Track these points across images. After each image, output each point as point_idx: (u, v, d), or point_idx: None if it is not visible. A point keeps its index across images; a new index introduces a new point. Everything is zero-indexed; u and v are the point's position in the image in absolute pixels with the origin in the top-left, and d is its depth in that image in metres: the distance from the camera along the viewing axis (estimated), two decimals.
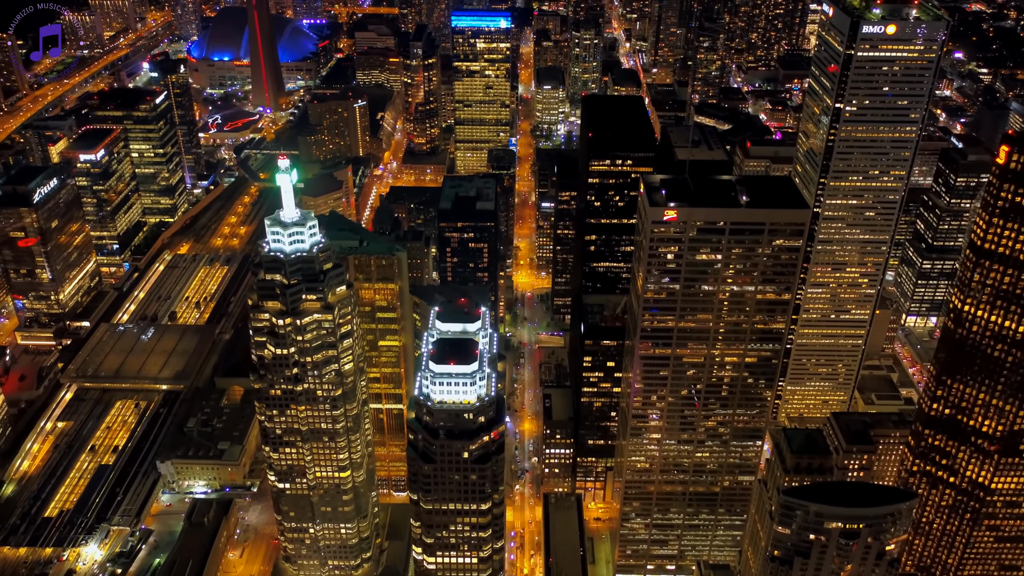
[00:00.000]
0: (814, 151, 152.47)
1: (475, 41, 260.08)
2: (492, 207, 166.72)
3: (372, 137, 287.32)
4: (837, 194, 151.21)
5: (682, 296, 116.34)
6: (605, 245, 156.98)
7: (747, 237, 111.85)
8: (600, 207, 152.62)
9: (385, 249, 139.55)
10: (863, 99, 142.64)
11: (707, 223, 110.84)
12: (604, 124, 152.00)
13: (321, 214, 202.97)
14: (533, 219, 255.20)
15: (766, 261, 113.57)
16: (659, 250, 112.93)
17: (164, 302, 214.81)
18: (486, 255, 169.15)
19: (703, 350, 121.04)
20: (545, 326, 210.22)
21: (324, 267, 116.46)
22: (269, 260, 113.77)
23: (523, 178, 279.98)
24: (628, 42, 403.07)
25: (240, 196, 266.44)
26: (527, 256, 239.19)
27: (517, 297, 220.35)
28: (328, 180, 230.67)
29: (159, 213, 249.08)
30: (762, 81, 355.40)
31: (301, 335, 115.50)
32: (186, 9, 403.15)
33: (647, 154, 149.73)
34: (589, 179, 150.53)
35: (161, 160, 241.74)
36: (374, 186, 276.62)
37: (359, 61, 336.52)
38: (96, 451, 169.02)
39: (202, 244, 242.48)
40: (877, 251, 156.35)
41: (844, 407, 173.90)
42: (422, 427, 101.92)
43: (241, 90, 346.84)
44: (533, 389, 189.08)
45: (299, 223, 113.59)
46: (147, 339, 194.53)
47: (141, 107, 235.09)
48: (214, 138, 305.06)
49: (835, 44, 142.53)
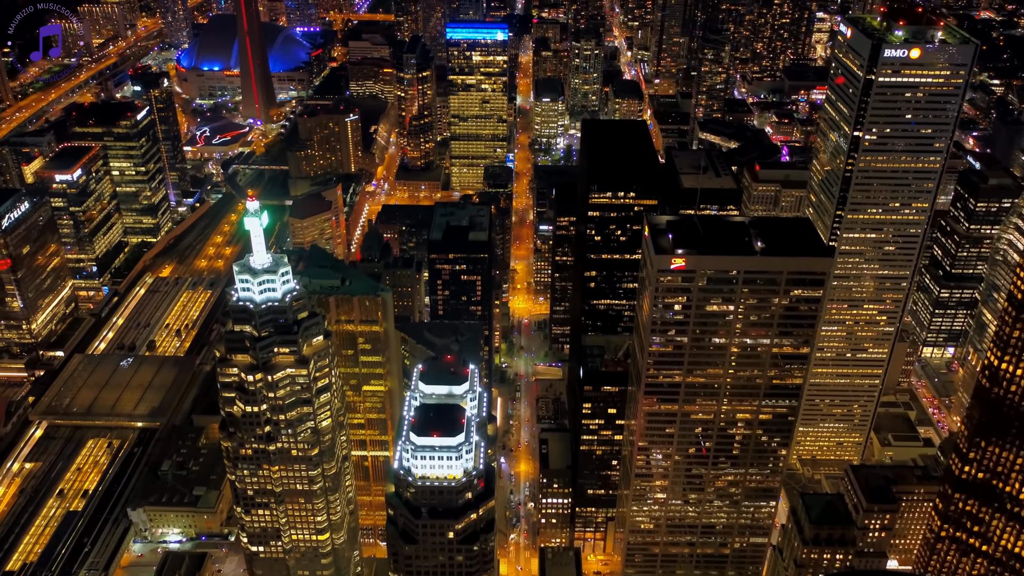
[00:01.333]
0: (830, 181, 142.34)
1: (471, 54, 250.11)
2: (486, 237, 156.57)
3: (365, 152, 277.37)
4: (855, 227, 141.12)
5: (690, 349, 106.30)
6: (606, 281, 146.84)
7: (762, 287, 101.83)
8: (601, 241, 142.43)
9: (369, 289, 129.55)
10: (884, 127, 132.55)
11: (718, 272, 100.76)
12: (605, 153, 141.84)
13: (300, 247, 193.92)
14: (530, 239, 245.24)
15: (783, 312, 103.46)
16: (665, 300, 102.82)
17: (143, 330, 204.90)
18: (479, 288, 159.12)
19: (713, 406, 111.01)
20: (543, 356, 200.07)
21: (299, 317, 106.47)
22: (238, 310, 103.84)
23: (521, 194, 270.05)
24: (629, 51, 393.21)
25: (227, 214, 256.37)
26: (524, 279, 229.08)
27: (513, 324, 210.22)
28: (316, 201, 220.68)
29: (141, 233, 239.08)
30: (767, 92, 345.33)
31: (273, 392, 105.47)
32: (176, 16, 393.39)
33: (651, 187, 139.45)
34: (589, 212, 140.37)
35: (143, 178, 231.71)
36: (366, 203, 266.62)
37: (352, 71, 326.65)
38: (65, 496, 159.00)
39: (185, 266, 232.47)
40: (897, 287, 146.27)
41: (859, 449, 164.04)
42: (402, 504, 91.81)
43: (231, 101, 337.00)
44: (530, 426, 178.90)
45: (270, 270, 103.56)
46: (123, 371, 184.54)
47: (121, 123, 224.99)
48: (201, 152, 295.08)
49: (854, 68, 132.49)
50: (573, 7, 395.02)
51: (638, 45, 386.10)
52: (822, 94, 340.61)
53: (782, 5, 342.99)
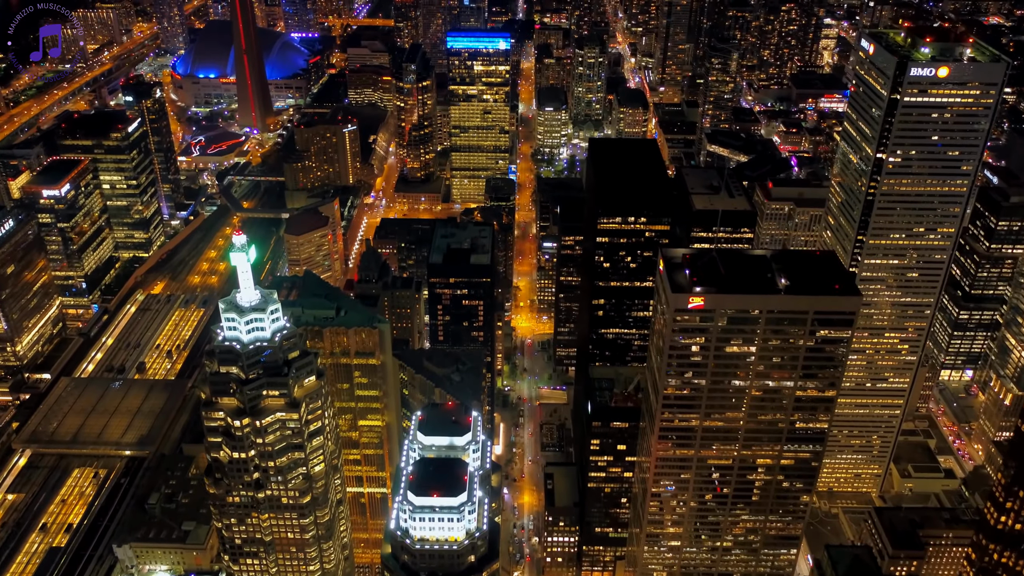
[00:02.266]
0: (850, 204, 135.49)
1: (472, 63, 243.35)
2: (488, 261, 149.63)
3: (363, 163, 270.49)
4: (876, 253, 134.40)
5: (708, 392, 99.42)
6: (615, 309, 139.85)
7: (786, 327, 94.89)
8: (609, 268, 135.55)
9: (365, 320, 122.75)
10: (908, 149, 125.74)
11: (739, 311, 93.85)
12: (613, 175, 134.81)
13: (295, 275, 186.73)
14: (533, 254, 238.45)
15: (808, 353, 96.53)
16: (682, 341, 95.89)
17: (133, 351, 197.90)
18: (481, 313, 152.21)
19: (732, 451, 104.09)
20: (546, 379, 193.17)
21: (289, 356, 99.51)
22: (223, 351, 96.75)
23: (523, 207, 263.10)
24: (633, 57, 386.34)
25: (221, 227, 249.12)
26: (527, 297, 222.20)
27: (516, 345, 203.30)
28: (312, 217, 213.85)
29: (133, 248, 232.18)
30: (774, 100, 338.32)
31: (262, 437, 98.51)
32: (172, 22, 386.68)
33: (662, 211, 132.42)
34: (597, 237, 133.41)
35: (134, 192, 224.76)
36: (364, 217, 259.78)
37: (351, 79, 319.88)
38: (48, 530, 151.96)
39: (178, 282, 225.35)
40: (919, 315, 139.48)
41: (878, 481, 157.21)
42: (400, 567, 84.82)
43: (227, 109, 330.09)
44: (534, 454, 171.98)
45: (259, 308, 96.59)
46: (111, 395, 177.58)
47: (112, 135, 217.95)
48: (196, 162, 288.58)
49: (877, 86, 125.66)
50: (576, 13, 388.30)
51: (642, 52, 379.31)
52: (830, 102, 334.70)
53: (789, 12, 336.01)
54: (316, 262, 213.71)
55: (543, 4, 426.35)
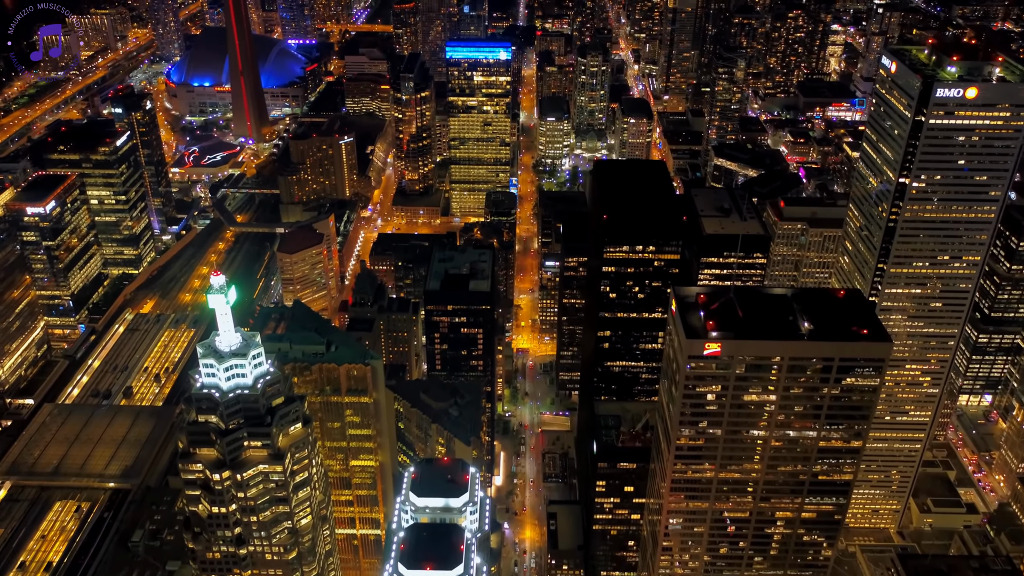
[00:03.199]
0: (870, 229, 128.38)
1: (472, 74, 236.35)
2: (488, 287, 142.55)
3: (360, 175, 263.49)
4: (898, 282, 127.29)
5: (725, 442, 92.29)
6: (621, 342, 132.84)
7: (810, 374, 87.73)
8: (616, 299, 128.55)
9: (357, 356, 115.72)
10: (933, 174, 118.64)
11: (759, 358, 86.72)
12: (620, 201, 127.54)
13: (285, 306, 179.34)
14: (535, 270, 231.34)
15: (832, 402, 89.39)
16: (697, 389, 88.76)
17: (120, 374, 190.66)
18: (481, 341, 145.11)
19: (749, 503, 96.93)
20: (549, 404, 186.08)
21: (273, 404, 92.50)
22: (201, 399, 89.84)
23: (525, 220, 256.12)
24: (636, 64, 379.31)
25: (214, 242, 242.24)
26: (528, 316, 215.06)
27: (517, 367, 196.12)
28: (306, 234, 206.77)
29: (122, 265, 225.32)
30: (781, 108, 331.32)
31: (243, 491, 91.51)
32: (168, 28, 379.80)
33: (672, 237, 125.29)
34: (603, 267, 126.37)
35: (123, 207, 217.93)
36: (361, 231, 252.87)
37: (349, 88, 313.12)
38: (26, 569, 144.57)
39: (168, 300, 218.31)
40: (943, 346, 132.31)
41: (896, 517, 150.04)
42: None
43: (223, 118, 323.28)
44: (536, 487, 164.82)
45: (239, 353, 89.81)
46: (96, 423, 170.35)
47: (100, 149, 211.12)
48: (189, 173, 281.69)
49: (900, 107, 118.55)
50: (578, 19, 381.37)
51: (645, 59, 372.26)
52: (838, 111, 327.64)
53: (796, 19, 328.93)
54: (311, 280, 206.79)
55: (544, 9, 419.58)
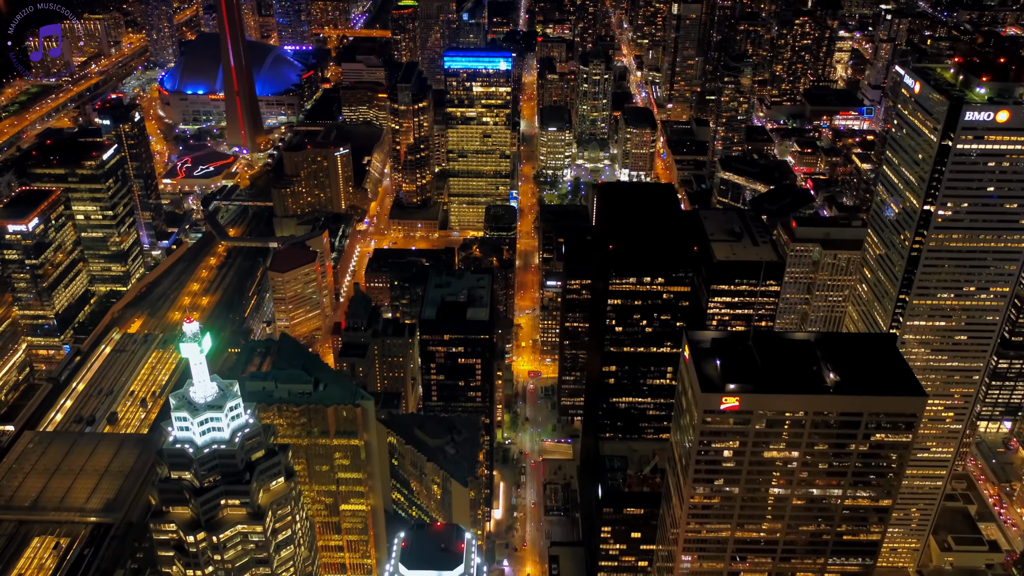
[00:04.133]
0: (891, 258, 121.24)
1: (471, 84, 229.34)
2: (486, 315, 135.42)
3: (356, 187, 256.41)
4: (920, 314, 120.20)
5: (742, 501, 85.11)
6: (628, 377, 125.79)
7: (836, 429, 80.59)
8: (622, 333, 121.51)
9: (347, 397, 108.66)
10: (960, 201, 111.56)
11: (781, 413, 79.59)
12: (627, 229, 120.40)
13: (269, 340, 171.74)
14: (535, 286, 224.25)
15: (860, 459, 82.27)
16: (712, 445, 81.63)
17: (105, 398, 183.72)
18: (479, 372, 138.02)
19: (768, 564, 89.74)
20: (550, 431, 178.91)
21: (253, 457, 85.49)
22: (174, 454, 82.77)
23: (525, 234, 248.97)
24: (639, 71, 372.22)
25: (205, 257, 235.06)
26: (529, 336, 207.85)
27: (517, 391, 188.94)
28: (299, 252, 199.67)
29: (110, 281, 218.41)
30: (787, 117, 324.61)
31: (220, 553, 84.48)
32: (162, 34, 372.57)
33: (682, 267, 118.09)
34: (609, 299, 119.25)
35: (110, 223, 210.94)
36: (357, 246, 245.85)
37: (345, 96, 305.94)
38: None
39: (157, 319, 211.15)
40: (967, 381, 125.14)
41: (915, 556, 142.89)
42: None
43: (217, 126, 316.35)
44: (537, 520, 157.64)
45: (216, 405, 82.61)
46: (78, 451, 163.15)
47: (86, 163, 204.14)
48: (181, 185, 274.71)
49: (924, 130, 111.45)
50: (580, 25, 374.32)
51: (648, 65, 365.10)
52: (846, 120, 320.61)
53: (803, 25, 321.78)
54: (304, 299, 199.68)
55: (545, 15, 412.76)
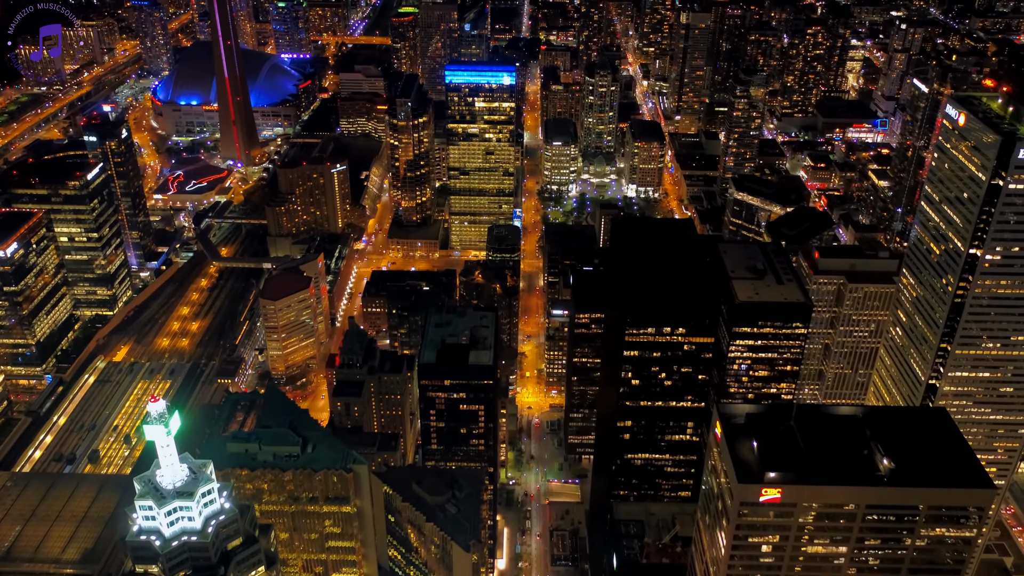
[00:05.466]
0: (930, 303, 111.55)
1: (473, 99, 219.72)
2: (490, 359, 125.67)
3: (354, 204, 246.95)
4: (963, 364, 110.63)
5: None
6: (645, 432, 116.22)
7: (890, 524, 70.89)
8: (640, 386, 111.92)
9: (337, 461, 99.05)
10: (1011, 245, 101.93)
11: (828, 506, 69.90)
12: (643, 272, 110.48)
13: (253, 392, 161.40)
14: (540, 311, 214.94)
15: (916, 555, 72.57)
16: (749, 540, 71.94)
17: (87, 433, 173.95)
18: (482, 419, 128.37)
19: None
20: (556, 470, 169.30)
21: (229, 546, 75.87)
22: (138, 547, 73.15)
23: (530, 254, 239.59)
24: (645, 80, 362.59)
25: (196, 279, 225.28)
26: (534, 365, 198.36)
27: (521, 426, 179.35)
28: (292, 278, 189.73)
29: (95, 305, 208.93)
30: (799, 129, 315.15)
31: None
32: (156, 41, 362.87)
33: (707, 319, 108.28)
34: (624, 351, 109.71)
35: (95, 245, 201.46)
36: (354, 266, 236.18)
37: (343, 108, 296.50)
38: None
39: (144, 346, 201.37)
40: (1012, 435, 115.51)
41: None
42: None
43: (211, 138, 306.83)
44: (543, 573, 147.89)
45: (185, 492, 72.95)
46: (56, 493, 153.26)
47: (70, 184, 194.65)
48: (173, 200, 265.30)
49: (971, 167, 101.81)
50: (584, 33, 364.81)
51: (655, 75, 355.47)
52: (859, 132, 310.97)
53: (816, 35, 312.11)
54: (297, 326, 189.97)
55: (549, 21, 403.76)
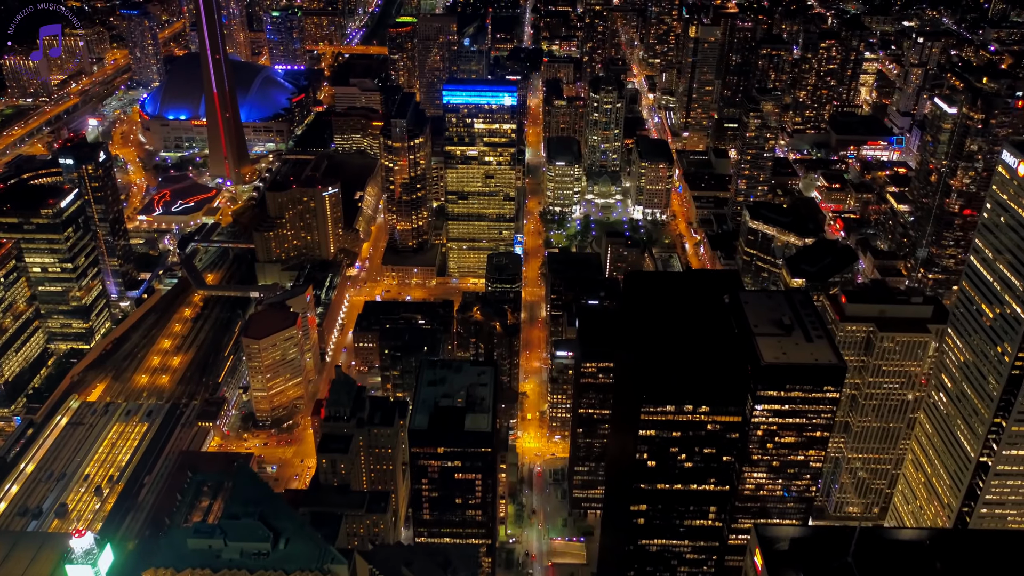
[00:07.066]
0: (981, 371, 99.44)
1: (472, 121, 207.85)
2: (488, 424, 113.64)
3: (347, 227, 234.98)
4: (1018, 442, 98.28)
5: None
6: (661, 516, 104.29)
7: None
8: (656, 467, 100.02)
9: (312, 558, 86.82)
10: None
11: None
12: (661, 339, 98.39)
13: (221, 472, 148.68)
14: (543, 344, 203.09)
15: None
16: None
17: (56, 484, 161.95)
18: (479, 489, 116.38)
19: None
20: (560, 527, 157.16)
21: None
22: None
23: (531, 280, 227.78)
24: (652, 93, 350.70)
25: (179, 308, 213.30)
26: (535, 405, 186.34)
27: (522, 475, 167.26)
28: (277, 315, 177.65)
29: (70, 339, 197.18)
30: (811, 147, 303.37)
31: None
32: (146, 51, 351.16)
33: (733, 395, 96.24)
34: (640, 430, 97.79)
35: (70, 276, 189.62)
36: (346, 294, 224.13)
37: (337, 124, 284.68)
38: None
39: (121, 383, 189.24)
40: None
41: None
42: None
43: (200, 154, 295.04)
44: None
45: None
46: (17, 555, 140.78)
47: (42, 212, 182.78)
48: (158, 221, 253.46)
49: None
50: (588, 45, 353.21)
51: (661, 88, 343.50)
52: (874, 150, 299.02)
53: (829, 49, 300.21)
54: (283, 364, 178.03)
55: (551, 31, 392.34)
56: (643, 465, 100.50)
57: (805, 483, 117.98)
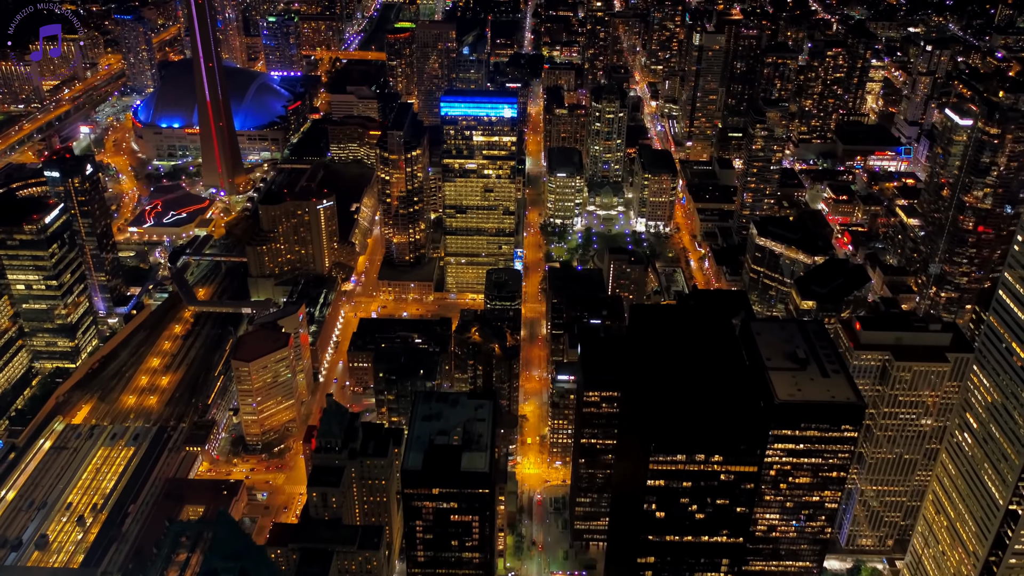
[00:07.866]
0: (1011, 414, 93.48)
1: (471, 133, 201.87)
2: (486, 464, 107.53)
3: (342, 241, 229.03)
4: None
5: None
6: (671, 569, 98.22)
7: None
8: (666, 519, 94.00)
9: None
10: None
11: None
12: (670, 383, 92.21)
13: (200, 521, 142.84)
14: (543, 363, 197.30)
15: None
16: None
17: (37, 513, 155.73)
18: (476, 531, 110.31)
19: None
20: (561, 559, 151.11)
21: None
22: None
23: (531, 296, 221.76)
24: (654, 101, 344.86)
25: (169, 324, 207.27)
26: (535, 428, 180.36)
27: (522, 504, 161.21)
28: (268, 336, 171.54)
29: (56, 358, 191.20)
30: (817, 156, 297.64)
31: None
32: (140, 57, 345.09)
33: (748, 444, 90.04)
34: (648, 480, 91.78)
35: (55, 293, 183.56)
36: (341, 311, 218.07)
37: (334, 133, 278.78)
38: None
39: (108, 404, 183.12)
40: None
41: None
42: None
43: (193, 163, 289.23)
44: None
45: None
46: None
47: (25, 227, 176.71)
48: (149, 234, 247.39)
49: None
50: (590, 51, 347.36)
51: (664, 96, 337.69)
52: (881, 160, 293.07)
53: (836, 57, 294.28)
54: (275, 387, 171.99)
55: (552, 36, 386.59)
56: (651, 516, 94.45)
57: (820, 524, 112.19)
